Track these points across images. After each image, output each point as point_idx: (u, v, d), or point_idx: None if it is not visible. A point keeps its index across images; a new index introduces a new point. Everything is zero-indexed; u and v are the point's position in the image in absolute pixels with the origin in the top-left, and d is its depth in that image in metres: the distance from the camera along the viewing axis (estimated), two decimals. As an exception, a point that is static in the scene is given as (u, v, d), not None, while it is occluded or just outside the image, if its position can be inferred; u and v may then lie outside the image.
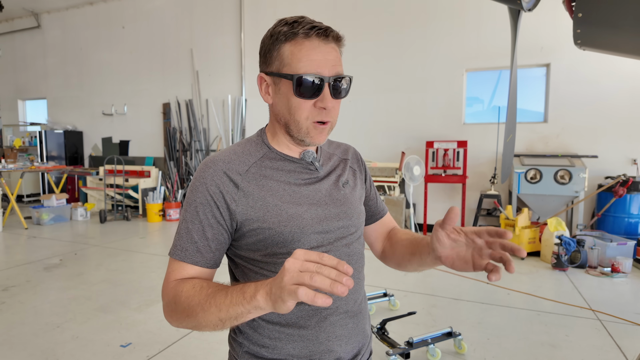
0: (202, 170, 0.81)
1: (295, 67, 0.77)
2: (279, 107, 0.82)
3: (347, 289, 0.54)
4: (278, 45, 0.79)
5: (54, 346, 2.57)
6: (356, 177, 0.98)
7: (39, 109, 9.67)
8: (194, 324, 0.72)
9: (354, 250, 0.90)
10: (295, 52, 0.77)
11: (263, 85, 0.84)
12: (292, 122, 0.81)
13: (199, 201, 0.79)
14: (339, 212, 0.87)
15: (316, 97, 0.78)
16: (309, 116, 0.80)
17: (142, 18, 7.85)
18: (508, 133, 1.94)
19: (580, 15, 1.22)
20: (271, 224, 0.79)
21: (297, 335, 0.82)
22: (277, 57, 0.79)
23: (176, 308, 0.75)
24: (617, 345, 2.59)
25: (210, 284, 0.74)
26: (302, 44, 0.77)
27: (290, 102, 0.79)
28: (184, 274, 0.79)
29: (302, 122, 0.80)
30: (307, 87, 0.76)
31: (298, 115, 0.80)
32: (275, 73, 0.80)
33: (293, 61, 0.77)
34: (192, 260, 0.78)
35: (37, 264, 4.30)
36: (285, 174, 0.84)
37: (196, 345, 2.59)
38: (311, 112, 0.79)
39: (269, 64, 0.81)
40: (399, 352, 2.31)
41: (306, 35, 0.77)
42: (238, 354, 0.86)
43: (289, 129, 0.82)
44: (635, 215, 4.63)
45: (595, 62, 4.99)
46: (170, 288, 0.77)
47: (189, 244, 0.78)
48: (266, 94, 0.84)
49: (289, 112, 0.80)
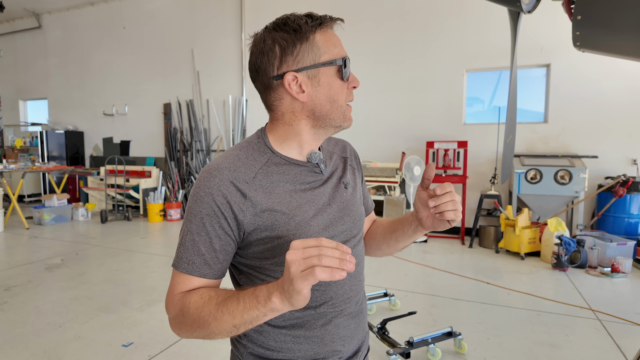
0: (207, 179, 0.77)
1: (333, 52, 0.79)
2: (319, 99, 0.80)
3: (354, 265, 0.57)
4: (308, 37, 0.78)
5: (56, 346, 2.58)
6: (355, 176, 0.98)
7: (40, 109, 9.69)
8: (205, 333, 0.72)
9: (356, 253, 0.91)
10: (328, 39, 0.79)
11: (293, 85, 0.79)
12: (334, 110, 0.82)
13: (205, 212, 0.76)
14: (342, 215, 0.87)
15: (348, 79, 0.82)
16: (346, 98, 0.82)
17: (143, 18, 7.86)
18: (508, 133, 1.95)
19: (579, 17, 1.23)
20: (279, 232, 0.78)
21: (303, 337, 0.82)
22: (310, 49, 0.78)
23: (185, 320, 0.74)
24: (616, 345, 2.60)
25: (218, 292, 0.73)
26: (327, 32, 0.80)
27: (332, 89, 0.80)
28: (190, 286, 0.77)
29: (343, 106, 0.82)
30: (348, 69, 0.80)
31: (341, 100, 0.81)
32: (311, 66, 0.78)
33: (329, 47, 0.79)
34: (200, 273, 0.76)
35: (39, 264, 4.32)
36: (291, 179, 0.82)
37: (198, 345, 2.60)
38: (347, 94, 0.83)
39: (299, 60, 0.78)
40: (399, 351, 2.32)
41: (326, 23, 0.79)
42: (242, 354, 0.86)
43: (329, 118, 0.82)
44: (635, 216, 4.63)
45: (596, 62, 4.99)
46: (177, 301, 0.76)
47: (195, 256, 0.76)
48: (299, 93, 0.79)
49: (332, 100, 0.81)
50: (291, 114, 0.82)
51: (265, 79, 0.80)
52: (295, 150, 0.85)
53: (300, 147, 0.85)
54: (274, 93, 0.81)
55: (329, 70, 0.79)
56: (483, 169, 5.60)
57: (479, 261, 4.50)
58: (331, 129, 0.85)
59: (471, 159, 5.59)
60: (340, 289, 0.85)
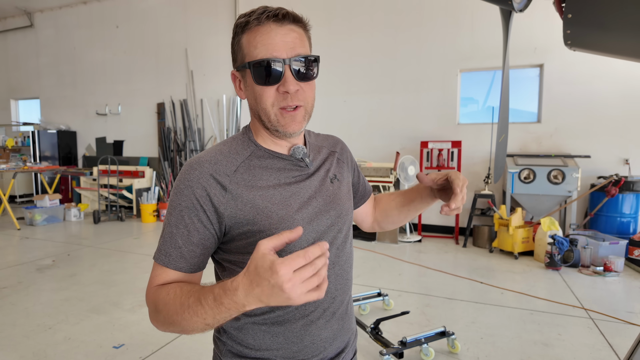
0: (187, 172, 0.76)
1: (252, 54, 0.75)
2: (250, 99, 0.81)
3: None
4: (237, 38, 0.78)
5: (46, 348, 2.55)
6: (344, 170, 0.97)
7: (32, 109, 9.59)
8: (179, 330, 0.71)
9: (343, 250, 0.89)
10: (250, 40, 0.75)
11: (236, 82, 0.83)
12: (261, 112, 0.79)
13: (184, 205, 0.75)
14: (328, 209, 0.86)
15: (278, 82, 0.75)
16: (274, 103, 0.77)
17: (136, 17, 7.81)
18: (500, 133, 1.95)
19: (570, 16, 1.23)
20: (261, 226, 0.77)
21: (282, 336, 0.81)
22: (239, 51, 0.78)
23: (158, 317, 0.73)
24: (608, 343, 2.61)
25: (183, 288, 0.70)
26: (256, 31, 0.75)
27: (255, 91, 0.78)
28: (167, 279, 0.76)
29: (268, 110, 0.77)
30: (264, 71, 0.74)
31: (263, 103, 0.77)
32: (240, 66, 0.79)
33: (250, 49, 0.76)
34: (175, 266, 0.75)
35: (30, 265, 4.26)
36: (275, 173, 0.81)
37: (189, 347, 2.58)
38: (276, 98, 0.76)
39: (235, 59, 0.81)
40: (392, 351, 2.31)
41: (259, 21, 0.74)
42: (222, 352, 0.86)
43: (262, 120, 0.80)
44: (628, 215, 4.67)
45: (589, 62, 5.02)
46: (151, 294, 0.75)
47: (172, 249, 0.75)
48: (239, 90, 0.83)
49: (256, 101, 0.79)
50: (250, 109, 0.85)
51: None
52: (271, 143, 0.84)
53: (272, 141, 0.84)
54: None
55: (249, 72, 0.77)
56: (477, 169, 5.62)
57: (473, 261, 4.51)
58: (275, 132, 0.80)
59: (465, 158, 5.61)
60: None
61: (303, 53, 0.76)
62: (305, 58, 0.76)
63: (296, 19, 0.77)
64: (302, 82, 0.77)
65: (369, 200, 1.12)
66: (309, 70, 0.77)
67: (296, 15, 0.77)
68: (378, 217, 1.13)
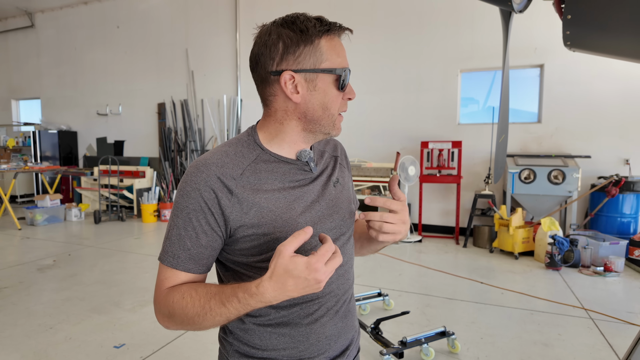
0: (194, 174, 0.76)
1: (336, 61, 0.79)
2: (312, 103, 0.80)
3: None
4: (313, 40, 0.77)
5: (47, 347, 2.55)
6: (345, 174, 0.98)
7: (33, 109, 9.60)
8: (194, 328, 0.75)
9: (345, 252, 0.90)
10: (332, 48, 0.79)
11: (289, 84, 0.78)
12: (326, 117, 0.82)
13: (191, 207, 0.76)
14: (332, 213, 0.87)
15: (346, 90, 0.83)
16: (339, 108, 0.83)
17: (137, 18, 7.82)
18: (500, 133, 1.95)
19: (569, 17, 1.23)
20: (266, 230, 0.77)
21: (288, 336, 0.82)
22: (313, 53, 0.77)
23: (173, 319, 0.76)
24: (608, 343, 2.61)
25: (199, 291, 0.73)
26: (333, 40, 0.80)
27: (327, 96, 0.80)
28: (177, 282, 0.78)
29: (335, 115, 0.82)
30: (345, 80, 0.80)
31: (334, 108, 0.82)
32: (311, 69, 0.78)
33: (332, 56, 0.79)
34: (185, 267, 0.77)
35: (31, 264, 4.27)
36: (280, 177, 0.82)
37: (190, 346, 2.59)
38: (341, 104, 0.83)
39: (299, 61, 0.77)
40: (392, 351, 2.32)
41: (335, 31, 0.80)
42: (228, 352, 0.87)
43: (318, 124, 0.82)
44: (628, 215, 4.67)
45: (589, 63, 5.02)
46: (163, 298, 0.77)
47: (181, 251, 0.76)
48: (294, 93, 0.79)
49: (325, 106, 0.81)
50: (283, 112, 0.82)
51: (263, 72, 0.80)
52: (284, 148, 0.84)
53: (289, 146, 0.84)
54: (270, 88, 0.80)
55: (327, 77, 0.79)
56: (477, 169, 5.62)
57: (473, 261, 4.51)
58: (320, 134, 0.84)
59: (465, 159, 5.61)
60: (327, 287, 0.85)
61: None
62: None
63: None
64: None
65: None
66: None
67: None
68: None
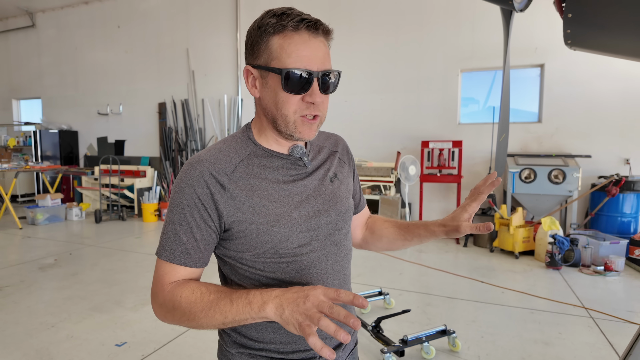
0: (188, 171, 0.78)
1: (285, 61, 0.75)
2: (266, 101, 0.80)
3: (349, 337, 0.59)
4: (266, 38, 0.76)
5: (49, 346, 2.56)
6: (344, 170, 0.98)
7: (34, 109, 9.61)
8: (193, 325, 0.75)
9: (342, 247, 0.91)
10: (284, 46, 0.75)
11: (250, 78, 0.81)
12: (279, 117, 0.79)
13: (185, 203, 0.77)
14: (327, 208, 0.87)
15: (305, 92, 0.76)
16: (296, 110, 0.78)
17: (138, 17, 7.83)
18: (501, 133, 1.96)
19: (570, 15, 1.24)
20: (259, 224, 0.79)
21: (283, 329, 0.83)
22: (265, 50, 0.77)
23: (174, 312, 0.76)
24: (609, 342, 2.62)
25: (209, 289, 0.75)
26: (291, 38, 0.75)
27: (278, 96, 0.77)
28: (177, 276, 0.79)
29: (289, 117, 0.78)
30: (296, 82, 0.75)
31: (286, 109, 0.78)
32: (263, 66, 0.78)
33: (282, 55, 0.75)
34: (181, 261, 0.78)
35: (32, 264, 4.28)
36: (273, 172, 0.83)
37: (191, 344, 2.59)
38: (299, 106, 0.78)
39: (256, 56, 0.79)
40: (393, 350, 2.33)
41: (295, 28, 0.74)
42: (227, 343, 0.89)
43: (277, 123, 0.80)
44: (628, 215, 4.67)
45: (589, 62, 5.03)
46: (167, 292, 0.78)
47: (177, 245, 0.78)
48: (253, 87, 0.81)
49: (276, 106, 0.78)
50: (258, 107, 0.85)
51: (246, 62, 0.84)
52: (274, 142, 0.85)
53: (276, 140, 0.85)
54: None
55: (276, 76, 0.76)
56: (478, 169, 5.63)
57: (474, 260, 4.52)
58: (285, 135, 0.81)
59: (466, 158, 5.61)
60: (322, 282, 0.85)
61: (330, 68, 0.79)
62: (331, 73, 0.78)
63: (327, 32, 0.79)
64: (324, 95, 0.79)
65: (361, 213, 1.12)
66: (332, 84, 0.80)
67: (328, 29, 0.79)
68: (368, 238, 1.12)
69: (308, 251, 0.83)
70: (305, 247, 0.83)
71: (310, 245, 0.83)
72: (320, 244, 0.85)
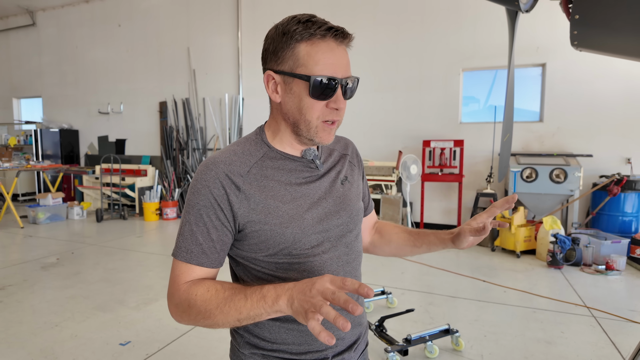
0: (204, 172, 0.80)
1: (312, 68, 0.76)
2: (289, 106, 0.81)
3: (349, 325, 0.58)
4: (292, 44, 0.77)
5: (53, 345, 2.57)
6: (354, 172, 1.00)
7: (34, 108, 9.61)
8: (208, 323, 0.76)
9: (353, 249, 0.92)
10: (311, 54, 0.77)
11: (271, 83, 0.82)
12: (302, 122, 0.81)
13: (202, 204, 0.79)
14: (339, 210, 0.88)
15: (329, 98, 0.78)
16: (320, 116, 0.80)
17: (139, 16, 7.82)
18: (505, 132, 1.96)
19: (577, 17, 1.24)
20: (273, 225, 0.80)
21: (296, 330, 0.84)
22: (291, 57, 0.78)
23: (190, 311, 0.77)
24: (611, 341, 2.63)
25: (224, 286, 0.76)
26: (318, 45, 0.77)
27: (302, 102, 0.79)
28: (193, 276, 0.80)
29: (312, 122, 0.80)
30: (323, 89, 0.77)
31: (310, 115, 0.79)
32: (288, 72, 0.78)
33: (309, 62, 0.76)
34: (198, 261, 0.79)
35: (34, 263, 4.29)
36: (286, 174, 0.84)
37: (195, 344, 2.60)
38: (322, 112, 0.80)
39: (280, 62, 0.79)
40: (397, 349, 2.34)
41: (323, 36, 0.77)
42: (239, 344, 0.89)
43: (298, 128, 0.82)
44: (630, 214, 4.68)
45: (590, 62, 5.03)
46: (182, 291, 0.78)
47: (193, 245, 0.79)
48: (274, 93, 0.82)
49: (300, 111, 0.80)
50: (276, 111, 0.86)
51: (263, 66, 0.84)
52: (286, 146, 0.87)
53: (290, 145, 0.87)
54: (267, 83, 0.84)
55: (301, 83, 0.77)
56: (479, 168, 5.63)
57: (475, 259, 4.53)
58: (305, 139, 0.83)
59: (467, 157, 5.62)
60: None
61: (352, 75, 0.82)
62: (352, 79, 0.81)
63: (351, 40, 0.82)
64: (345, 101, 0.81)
65: (369, 216, 1.13)
66: (352, 90, 0.82)
67: (351, 37, 0.81)
68: (376, 241, 1.13)
69: (320, 252, 0.84)
70: (317, 248, 0.84)
71: (322, 247, 0.84)
72: (331, 245, 0.86)
